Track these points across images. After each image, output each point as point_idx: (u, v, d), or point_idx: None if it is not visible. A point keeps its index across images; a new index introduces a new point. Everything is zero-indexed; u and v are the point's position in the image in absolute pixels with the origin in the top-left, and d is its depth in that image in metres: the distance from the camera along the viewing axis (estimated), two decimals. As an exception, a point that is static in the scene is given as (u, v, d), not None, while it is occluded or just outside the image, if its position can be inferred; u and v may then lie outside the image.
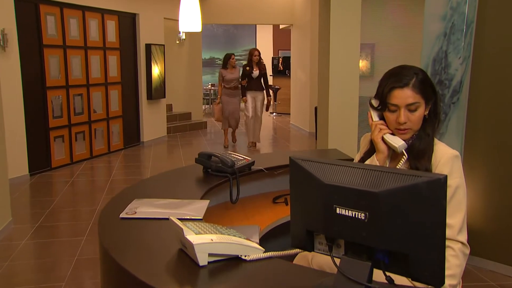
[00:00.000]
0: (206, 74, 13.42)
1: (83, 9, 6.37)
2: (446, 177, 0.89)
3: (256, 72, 7.01)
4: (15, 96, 5.28)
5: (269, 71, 12.56)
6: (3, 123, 3.78)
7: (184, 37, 9.53)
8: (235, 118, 7.36)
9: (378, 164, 1.48)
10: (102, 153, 6.93)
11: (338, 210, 0.99)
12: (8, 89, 5.10)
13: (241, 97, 7.11)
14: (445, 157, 1.42)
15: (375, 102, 1.50)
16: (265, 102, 7.32)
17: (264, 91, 7.11)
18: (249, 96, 7.05)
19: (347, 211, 0.97)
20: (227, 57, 7.07)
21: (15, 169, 5.25)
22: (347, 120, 4.41)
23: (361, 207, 0.95)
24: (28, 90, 5.50)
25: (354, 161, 1.71)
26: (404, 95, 1.41)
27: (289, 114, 10.78)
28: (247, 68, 6.98)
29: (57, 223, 4.08)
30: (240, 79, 7.10)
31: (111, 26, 7.00)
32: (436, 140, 1.49)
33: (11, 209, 3.91)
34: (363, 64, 4.78)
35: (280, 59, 12.71)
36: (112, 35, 7.02)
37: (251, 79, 7.00)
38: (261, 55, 7.21)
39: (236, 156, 2.31)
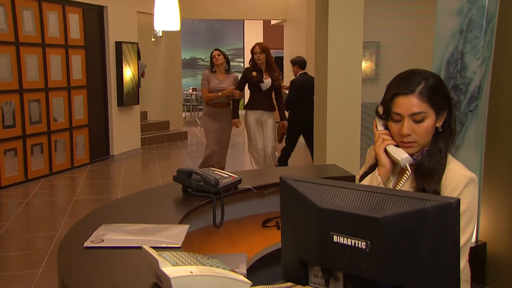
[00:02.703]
0: (187, 77, 13.46)
1: (39, -1, 6.38)
2: (458, 201, 0.91)
3: (267, 82, 5.32)
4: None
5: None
6: None
7: (160, 34, 9.56)
8: (222, 152, 5.64)
9: (379, 180, 1.50)
10: (64, 168, 6.88)
11: (335, 238, 1.01)
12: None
13: (232, 118, 5.52)
14: (457, 179, 1.42)
15: (380, 109, 1.53)
16: (277, 128, 5.64)
17: (277, 112, 5.51)
18: (252, 119, 5.36)
19: (345, 239, 0.99)
20: (210, 57, 5.63)
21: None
22: (348, 130, 4.45)
23: (361, 235, 0.97)
24: (-26, 95, 5.46)
25: (357, 175, 1.73)
26: (408, 103, 1.43)
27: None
28: (254, 74, 5.31)
29: (6, 253, 4.02)
30: (233, 91, 5.41)
31: (74, 20, 7.00)
32: (450, 158, 1.50)
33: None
34: (366, 65, 4.85)
35: (272, 59, 12.79)
36: (75, 30, 7.02)
37: (257, 92, 5.34)
38: (249, 55, 5.53)
39: (220, 173, 2.32)
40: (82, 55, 7.17)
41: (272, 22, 11.63)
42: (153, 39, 9.65)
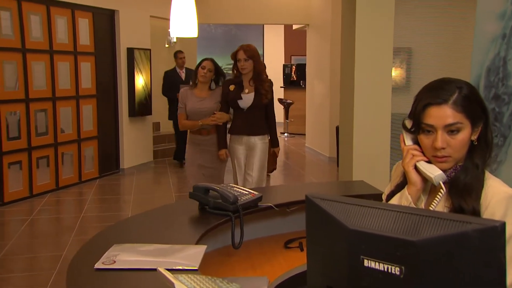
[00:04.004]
0: (201, 84, 13.54)
1: (48, 3, 6.52)
2: (503, 224, 0.90)
3: (248, 97, 4.25)
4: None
5: (279, 81, 12.73)
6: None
7: (175, 40, 9.69)
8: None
9: (410, 199, 1.49)
10: (71, 183, 6.98)
11: (366, 263, 1.01)
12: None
13: (218, 149, 4.41)
14: (499, 197, 1.40)
15: (408, 123, 1.53)
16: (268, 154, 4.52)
17: (268, 136, 4.43)
18: (236, 146, 4.35)
19: (377, 264, 0.99)
20: (197, 66, 4.49)
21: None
22: (377, 143, 4.44)
23: (395, 260, 0.97)
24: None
25: (383, 195, 1.73)
26: (442, 114, 1.42)
27: (304, 134, 10.82)
28: (231, 88, 4.29)
29: (9, 274, 4.08)
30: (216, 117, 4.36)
31: (84, 25, 7.15)
32: (487, 174, 1.49)
33: None
34: (397, 73, 4.84)
35: (293, 66, 12.84)
36: (85, 36, 7.17)
37: (239, 111, 4.31)
38: (269, 62, 5.72)
39: (240, 190, 2.34)
40: (92, 62, 7.30)
41: (294, 27, 11.67)
42: (166, 45, 9.78)
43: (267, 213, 2.42)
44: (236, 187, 2.42)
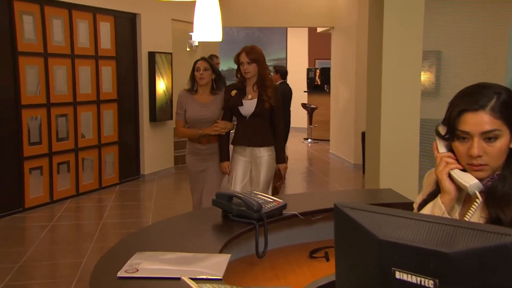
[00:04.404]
0: (223, 88, 13.62)
1: (70, 7, 6.65)
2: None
3: (250, 103, 3.98)
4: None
5: (302, 86, 12.73)
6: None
7: (197, 43, 9.76)
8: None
9: (443, 209, 1.48)
10: (92, 189, 7.07)
11: (397, 275, 1.00)
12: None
13: (220, 161, 4.17)
14: None
15: (442, 129, 1.51)
16: (276, 171, 4.16)
17: (273, 148, 4.06)
18: (238, 156, 4.08)
19: (410, 276, 0.98)
20: (192, 70, 4.24)
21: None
22: (405, 150, 4.40)
23: (428, 272, 0.95)
24: (-3, 109, 5.71)
25: (414, 204, 1.72)
26: (479, 121, 1.40)
27: (328, 140, 10.79)
28: (232, 93, 4.05)
29: (29, 281, 4.15)
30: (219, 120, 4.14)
31: (105, 29, 7.26)
32: None
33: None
34: (426, 77, 4.79)
35: (318, 70, 12.83)
36: (106, 40, 7.28)
37: (241, 119, 4.06)
38: (292, 66, 5.88)
39: (264, 198, 2.34)
40: (113, 67, 7.41)
41: (319, 29, 11.66)
42: (188, 49, 9.86)
43: (292, 222, 2.42)
44: (260, 195, 2.43)
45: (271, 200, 2.37)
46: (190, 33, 9.52)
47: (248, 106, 3.97)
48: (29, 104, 6.12)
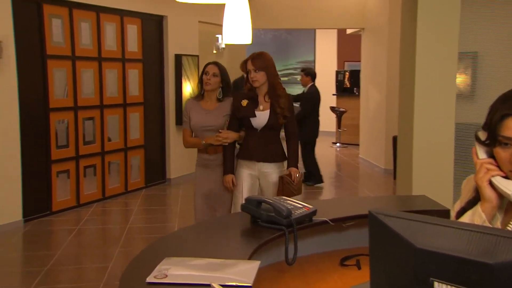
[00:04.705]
0: (249, 91, 13.66)
1: (98, 10, 6.76)
2: None
3: (263, 115, 3.76)
4: (10, 119, 5.62)
5: (331, 89, 12.68)
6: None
7: (223, 45, 9.82)
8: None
9: (483, 217, 1.45)
10: (117, 193, 7.17)
11: (436, 286, 0.99)
12: (2, 112, 5.43)
13: (224, 174, 3.90)
14: None
15: (482, 135, 1.49)
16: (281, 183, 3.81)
17: (283, 164, 3.88)
18: (244, 170, 3.83)
19: (449, 287, 0.97)
20: (201, 73, 4.08)
21: (6, 213, 5.52)
22: (439, 155, 4.34)
23: (469, 284, 0.94)
24: (26, 112, 5.83)
25: (452, 211, 1.69)
26: None
27: (358, 145, 10.73)
28: (243, 103, 3.80)
29: (56, 285, 4.21)
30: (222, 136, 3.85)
31: (132, 31, 7.36)
32: None
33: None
34: (461, 79, 4.72)
35: (347, 73, 12.76)
36: (133, 43, 7.38)
37: (251, 132, 3.81)
38: (321, 68, 6.06)
39: (293, 203, 2.34)
40: (140, 69, 7.50)
41: (348, 31, 11.61)
42: (214, 51, 9.92)
43: (322, 228, 2.40)
44: (290, 200, 2.42)
45: (300, 206, 2.36)
46: (217, 35, 9.59)
47: (261, 118, 3.74)
48: (57, 107, 6.24)
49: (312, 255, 2.41)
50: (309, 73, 7.87)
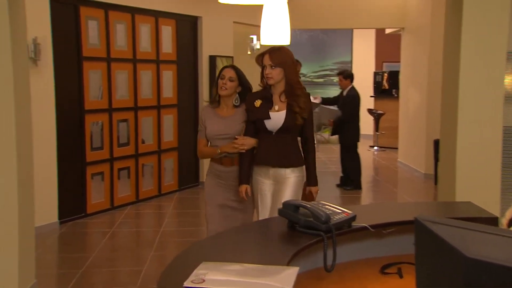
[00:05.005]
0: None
1: (133, 11, 6.87)
2: None
3: (278, 116, 3.53)
4: (47, 121, 5.75)
5: (368, 90, 12.56)
6: (32, 156, 4.10)
7: (258, 46, 9.83)
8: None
9: None
10: (151, 195, 7.25)
11: (489, 296, 0.97)
12: (39, 114, 5.53)
13: (239, 184, 3.64)
14: None
15: None
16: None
17: (302, 169, 3.64)
18: (260, 179, 3.60)
19: (503, 298, 0.94)
20: (217, 77, 3.81)
21: (42, 215, 5.60)
22: (485, 159, 4.24)
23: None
24: (62, 114, 5.97)
25: (503, 219, 1.65)
26: None
27: (396, 148, 10.60)
28: (256, 103, 3.57)
29: (91, 288, 4.31)
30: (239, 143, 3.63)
31: (167, 32, 7.45)
32: None
33: (35, 268, 4.17)
34: (510, 80, 4.61)
35: (385, 74, 12.62)
36: (167, 44, 7.46)
37: (266, 135, 3.56)
38: (358, 69, 6.02)
39: (332, 208, 2.32)
40: (174, 71, 7.58)
41: (387, 31, 11.49)
42: (249, 52, 9.94)
43: (361, 234, 2.38)
44: (328, 205, 2.41)
45: (340, 211, 2.35)
46: (251, 36, 9.62)
47: (276, 119, 3.48)
48: (92, 109, 6.36)
49: (351, 262, 2.39)
50: (348, 76, 7.85)
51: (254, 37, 9.62)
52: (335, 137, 8.75)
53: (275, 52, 3.46)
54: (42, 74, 5.62)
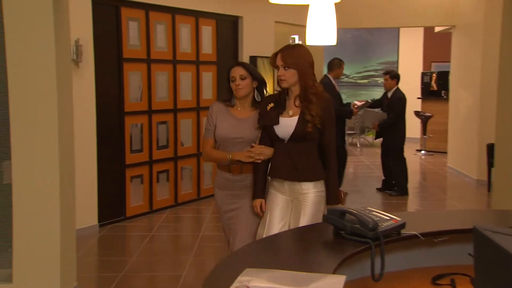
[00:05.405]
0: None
1: (173, 11, 6.96)
2: None
3: (289, 122, 3.20)
4: (88, 124, 5.87)
5: (416, 92, 12.37)
6: (74, 158, 4.20)
7: (299, 46, 9.82)
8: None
9: None
10: (190, 199, 7.31)
11: (556, 310, 0.94)
12: (80, 116, 5.64)
13: (253, 198, 3.34)
14: None
15: None
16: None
17: (322, 183, 3.23)
18: (275, 192, 3.27)
19: None
20: (228, 75, 3.50)
21: (83, 217, 5.70)
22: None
23: None
24: (102, 116, 6.08)
25: None
26: None
27: (445, 153, 10.41)
28: (268, 107, 3.27)
29: (131, 293, 4.38)
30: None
31: (207, 33, 7.52)
32: None
33: (76, 271, 4.26)
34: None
35: (434, 75, 12.39)
36: (207, 45, 7.53)
37: (279, 144, 3.24)
38: (404, 70, 5.81)
39: (380, 215, 2.30)
40: (213, 72, 7.64)
41: (437, 29, 11.29)
42: (290, 53, 9.94)
43: (411, 243, 2.36)
44: (375, 211, 2.38)
45: (388, 218, 2.32)
46: (293, 36, 9.62)
47: (285, 125, 3.17)
48: (131, 111, 6.47)
49: (400, 272, 2.36)
50: (395, 76, 7.76)
51: (296, 37, 9.62)
52: (379, 140, 8.65)
53: (288, 52, 3.19)
54: (83, 76, 5.75)
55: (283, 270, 1.81)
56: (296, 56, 3.15)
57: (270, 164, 3.29)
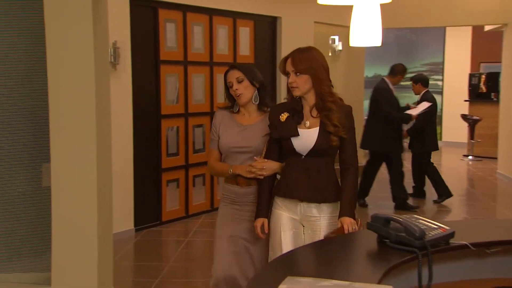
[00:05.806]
0: (368, 98, 13.45)
1: (211, 13, 7.02)
2: None
3: (309, 134, 2.93)
4: (125, 127, 5.97)
5: (463, 94, 12.16)
6: (111, 162, 4.27)
7: (340, 47, 9.78)
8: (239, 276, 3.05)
9: None
10: (225, 204, 7.34)
11: None
12: (117, 119, 5.72)
13: (255, 217, 3.09)
14: None
15: None
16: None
17: (338, 205, 2.92)
18: (282, 213, 3.00)
19: None
20: (225, 81, 3.34)
21: (119, 221, 5.81)
22: None
23: None
24: (139, 119, 6.18)
25: None
26: None
27: (495, 158, 10.21)
28: (282, 117, 2.97)
29: (167, 299, 4.44)
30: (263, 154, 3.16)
31: (245, 34, 7.56)
32: None
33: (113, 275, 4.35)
34: None
35: (483, 76, 12.16)
36: (245, 46, 7.56)
37: (293, 158, 2.97)
38: (451, 71, 5.53)
39: (427, 223, 2.29)
40: (251, 74, 7.66)
41: (486, 28, 11.08)
42: (330, 54, 9.90)
43: (460, 253, 2.33)
44: (422, 219, 2.36)
45: (436, 226, 2.31)
46: (333, 37, 9.57)
47: (306, 138, 2.90)
48: (168, 114, 6.55)
49: (449, 283, 2.33)
50: (419, 80, 7.51)
51: (336, 37, 9.57)
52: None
53: (299, 55, 2.90)
54: (121, 78, 5.86)
55: (325, 279, 1.81)
56: (308, 60, 2.88)
57: (279, 181, 3.04)
